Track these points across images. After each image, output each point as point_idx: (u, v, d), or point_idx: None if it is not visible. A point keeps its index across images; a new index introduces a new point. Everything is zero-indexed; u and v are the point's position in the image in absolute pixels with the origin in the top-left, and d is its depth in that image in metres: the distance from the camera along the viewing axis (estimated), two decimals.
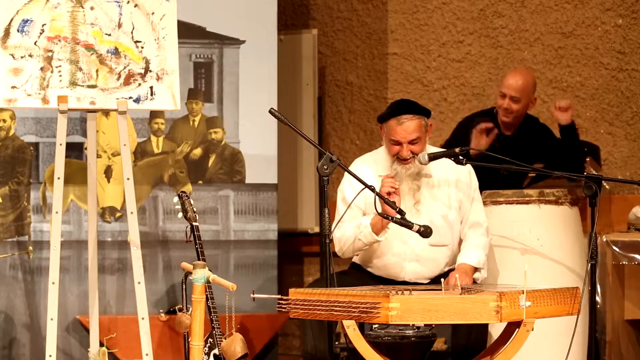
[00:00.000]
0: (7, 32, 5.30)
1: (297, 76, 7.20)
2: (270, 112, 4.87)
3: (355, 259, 5.21)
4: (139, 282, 5.26)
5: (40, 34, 5.33)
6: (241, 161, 6.47)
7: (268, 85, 6.49)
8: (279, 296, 4.32)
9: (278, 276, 6.56)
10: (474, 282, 5.01)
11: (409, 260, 5.05)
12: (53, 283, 5.17)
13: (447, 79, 7.02)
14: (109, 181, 6.24)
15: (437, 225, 4.99)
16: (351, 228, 5.00)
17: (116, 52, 5.41)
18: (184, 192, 5.65)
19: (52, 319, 5.13)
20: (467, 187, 5.13)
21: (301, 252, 7.34)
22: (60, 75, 5.33)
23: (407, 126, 4.97)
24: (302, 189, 7.22)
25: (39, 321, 6.09)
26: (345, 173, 5.02)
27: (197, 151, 6.41)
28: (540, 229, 5.32)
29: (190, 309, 3.99)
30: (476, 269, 5.02)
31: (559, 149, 5.93)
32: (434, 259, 5.07)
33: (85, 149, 5.98)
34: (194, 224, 5.53)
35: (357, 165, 5.18)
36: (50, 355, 5.10)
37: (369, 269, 5.16)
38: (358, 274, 5.17)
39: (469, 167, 5.10)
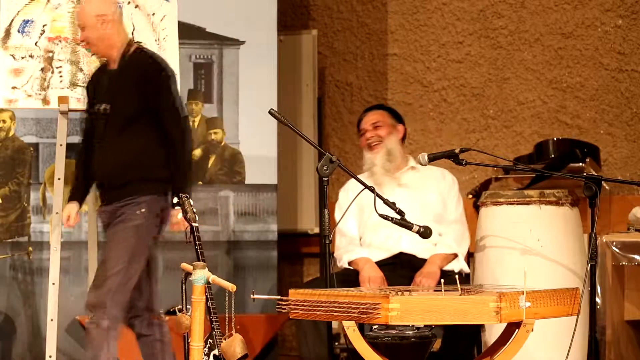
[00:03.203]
0: (7, 33, 5.30)
1: (297, 77, 7.20)
2: (270, 112, 4.86)
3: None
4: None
5: (41, 34, 5.33)
6: (241, 162, 6.47)
7: (268, 85, 6.49)
8: (279, 297, 4.31)
9: (278, 277, 6.56)
10: (457, 273, 5.10)
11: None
12: (53, 284, 5.17)
13: (447, 80, 7.01)
14: None
15: (431, 202, 5.32)
16: (341, 252, 5.29)
17: None
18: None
19: (52, 320, 5.13)
20: (449, 187, 5.42)
21: (301, 253, 7.34)
22: (60, 76, 5.33)
23: (370, 115, 5.51)
24: (302, 190, 7.21)
25: (39, 322, 6.09)
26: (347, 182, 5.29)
27: (197, 152, 6.41)
28: (540, 230, 5.31)
29: (190, 309, 3.99)
30: (455, 256, 5.25)
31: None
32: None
33: None
34: (193, 224, 5.51)
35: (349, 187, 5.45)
36: (50, 356, 5.10)
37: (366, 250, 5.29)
38: (358, 274, 5.18)
39: (448, 172, 5.47)
